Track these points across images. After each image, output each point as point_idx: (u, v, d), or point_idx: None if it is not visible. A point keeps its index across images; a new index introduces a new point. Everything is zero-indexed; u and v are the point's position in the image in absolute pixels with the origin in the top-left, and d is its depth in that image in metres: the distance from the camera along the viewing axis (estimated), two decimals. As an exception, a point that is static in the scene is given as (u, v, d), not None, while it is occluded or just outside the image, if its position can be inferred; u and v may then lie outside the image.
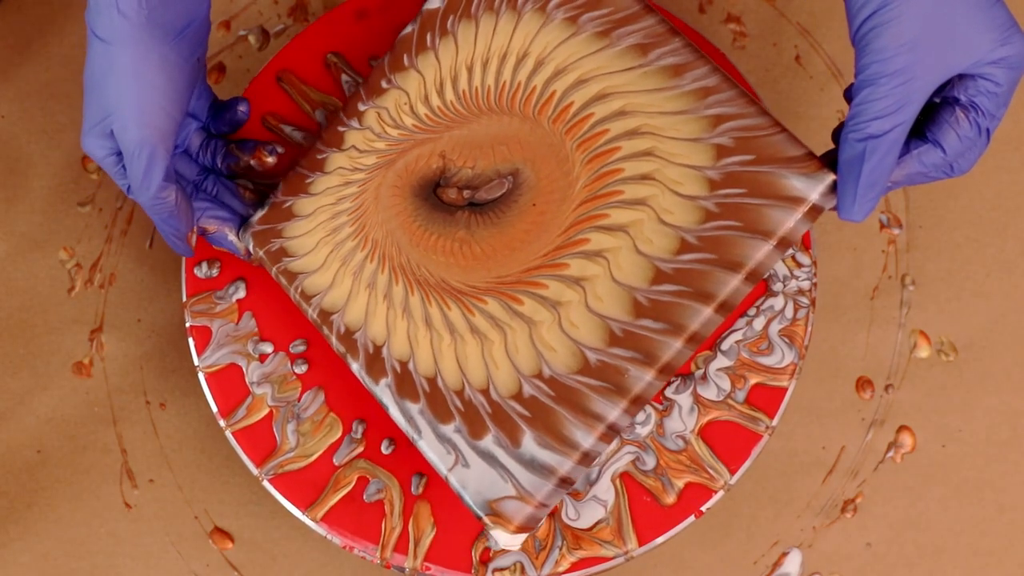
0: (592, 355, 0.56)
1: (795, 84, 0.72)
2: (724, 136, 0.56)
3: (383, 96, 0.65)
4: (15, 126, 0.73)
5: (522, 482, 0.56)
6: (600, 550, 0.65)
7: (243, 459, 0.66)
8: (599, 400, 0.56)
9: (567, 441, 0.56)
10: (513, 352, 0.58)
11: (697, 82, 0.57)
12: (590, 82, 0.60)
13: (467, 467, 0.58)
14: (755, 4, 0.73)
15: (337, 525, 0.65)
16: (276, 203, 0.66)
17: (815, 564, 0.70)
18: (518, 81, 0.61)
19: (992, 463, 0.71)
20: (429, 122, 0.63)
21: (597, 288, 0.57)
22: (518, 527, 0.57)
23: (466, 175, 0.61)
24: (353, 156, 0.65)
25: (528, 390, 0.57)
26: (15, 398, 0.71)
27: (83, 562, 0.70)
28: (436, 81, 0.63)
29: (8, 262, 0.72)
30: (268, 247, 0.65)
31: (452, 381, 0.59)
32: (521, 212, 0.60)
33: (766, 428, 0.66)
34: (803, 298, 0.66)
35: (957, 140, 0.53)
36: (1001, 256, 0.72)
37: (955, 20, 0.51)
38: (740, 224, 0.55)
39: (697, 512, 0.65)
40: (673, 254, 0.56)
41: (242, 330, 0.67)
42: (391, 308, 0.61)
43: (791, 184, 0.54)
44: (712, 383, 0.66)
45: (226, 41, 0.73)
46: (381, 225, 0.63)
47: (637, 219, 0.57)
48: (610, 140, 0.59)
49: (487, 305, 0.59)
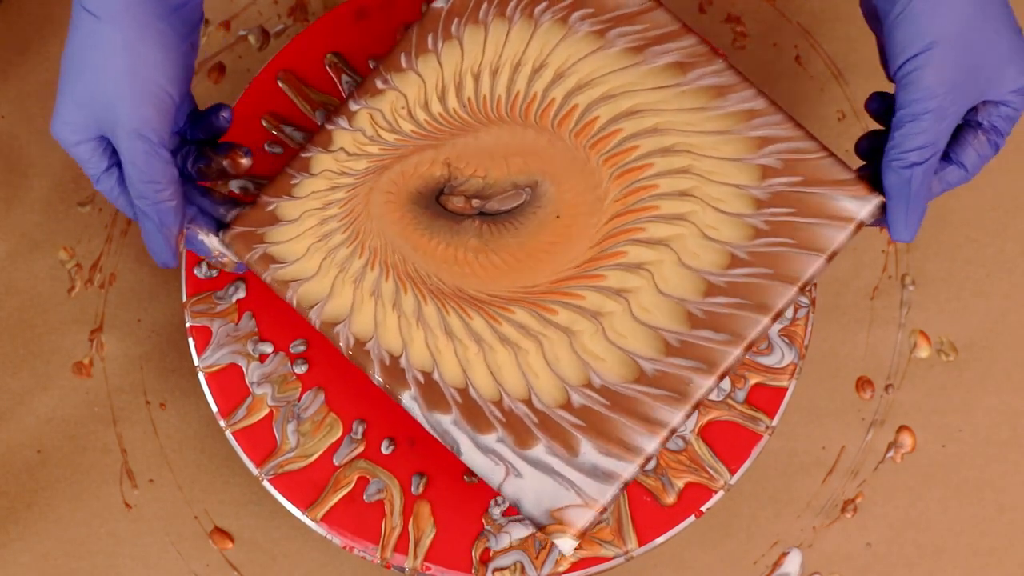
0: (648, 365, 0.58)
1: (795, 84, 0.72)
2: (770, 157, 0.59)
3: (378, 97, 0.62)
4: (15, 126, 0.73)
5: (586, 490, 0.58)
6: (600, 550, 0.65)
7: (243, 459, 0.66)
8: (661, 407, 0.58)
9: (630, 448, 0.58)
10: (554, 361, 0.59)
11: (742, 104, 0.60)
12: (618, 97, 0.60)
13: (520, 477, 0.58)
14: (755, 4, 0.73)
15: (337, 525, 0.65)
16: (258, 204, 0.62)
17: (815, 564, 0.70)
18: (533, 92, 0.61)
19: (992, 463, 0.71)
20: (430, 128, 0.62)
21: (642, 299, 0.59)
22: (581, 532, 0.58)
23: (476, 184, 0.61)
24: (341, 159, 0.62)
25: (577, 399, 0.59)
26: (15, 398, 0.71)
27: (83, 562, 0.70)
28: (438, 87, 0.62)
29: (8, 262, 0.72)
30: (252, 253, 0.62)
31: (487, 391, 0.59)
32: (543, 224, 0.60)
33: (766, 428, 0.66)
34: (803, 298, 0.66)
35: (977, 159, 0.58)
36: (1001, 256, 0.72)
37: (985, 56, 0.56)
38: (793, 241, 0.59)
39: (697, 512, 0.65)
40: (723, 268, 0.59)
41: (242, 330, 0.67)
42: (403, 317, 0.60)
43: (842, 205, 0.58)
44: (712, 383, 0.66)
45: (226, 41, 0.73)
46: (378, 233, 0.61)
47: (678, 234, 0.59)
48: (641, 156, 0.60)
49: (514, 315, 0.59)
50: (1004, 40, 0.57)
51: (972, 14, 0.56)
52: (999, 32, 0.57)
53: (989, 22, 0.56)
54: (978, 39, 0.56)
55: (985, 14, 0.56)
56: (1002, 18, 0.57)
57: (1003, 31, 0.57)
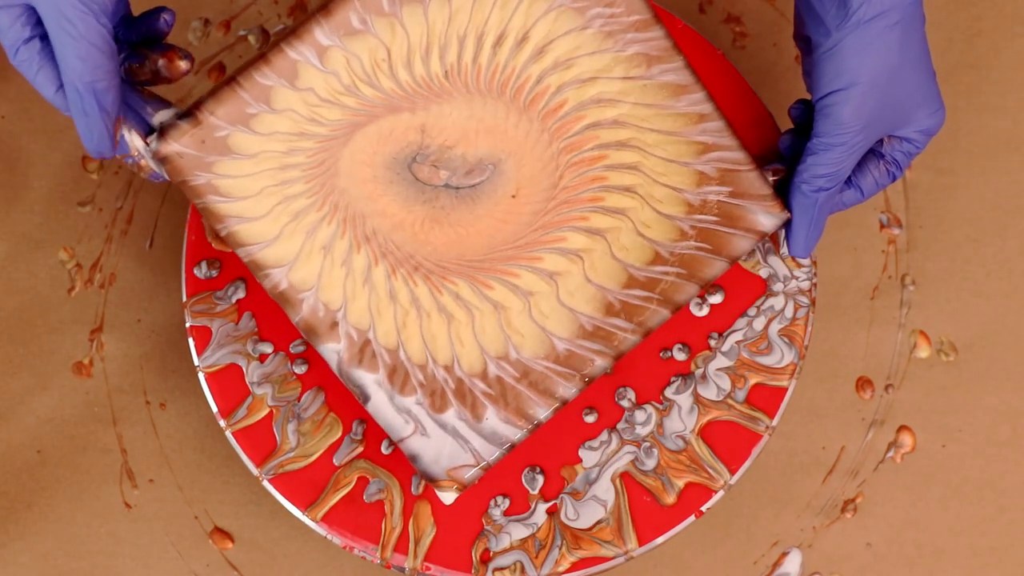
0: (560, 344, 0.62)
1: (795, 84, 0.72)
2: (708, 165, 0.62)
3: (354, 39, 0.60)
4: (15, 126, 0.73)
5: (481, 452, 0.62)
6: (600, 550, 0.65)
7: (243, 459, 0.66)
8: (561, 383, 0.62)
9: (526, 416, 0.62)
10: (480, 333, 0.62)
11: (693, 106, 0.62)
12: (588, 83, 0.62)
13: (426, 436, 0.62)
14: (755, 4, 0.73)
15: (337, 525, 0.65)
16: (203, 123, 0.59)
17: (815, 564, 0.70)
18: (512, 66, 0.61)
19: (992, 463, 0.71)
20: (409, 90, 0.61)
21: (570, 284, 0.62)
22: (465, 486, 0.62)
23: (445, 156, 0.61)
24: (311, 103, 0.60)
25: (493, 370, 0.62)
26: (15, 398, 0.71)
27: (83, 562, 0.70)
28: (422, 45, 0.60)
29: (8, 262, 0.72)
30: (193, 178, 0.59)
31: (416, 356, 0.62)
32: (498, 201, 0.62)
33: (766, 428, 0.66)
34: (803, 298, 0.67)
35: (874, 185, 0.63)
36: (1001, 256, 0.72)
37: (900, 97, 0.60)
38: (709, 247, 0.63)
39: (697, 512, 0.65)
40: (647, 264, 0.63)
41: (242, 330, 0.67)
42: (350, 276, 0.61)
43: (758, 219, 0.63)
44: (712, 383, 0.66)
45: (226, 41, 0.73)
46: (343, 191, 0.61)
47: (615, 227, 0.62)
48: (598, 146, 0.62)
49: (456, 286, 0.62)
50: (919, 84, 0.61)
51: (897, 60, 0.59)
52: (916, 75, 0.60)
53: (908, 66, 0.60)
54: (897, 81, 0.60)
55: (908, 60, 0.59)
56: (921, 61, 0.60)
57: (919, 74, 0.60)
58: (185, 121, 0.59)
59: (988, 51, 0.73)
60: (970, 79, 0.73)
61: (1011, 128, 0.73)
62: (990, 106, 0.73)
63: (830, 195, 0.62)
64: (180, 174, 0.60)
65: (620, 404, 0.66)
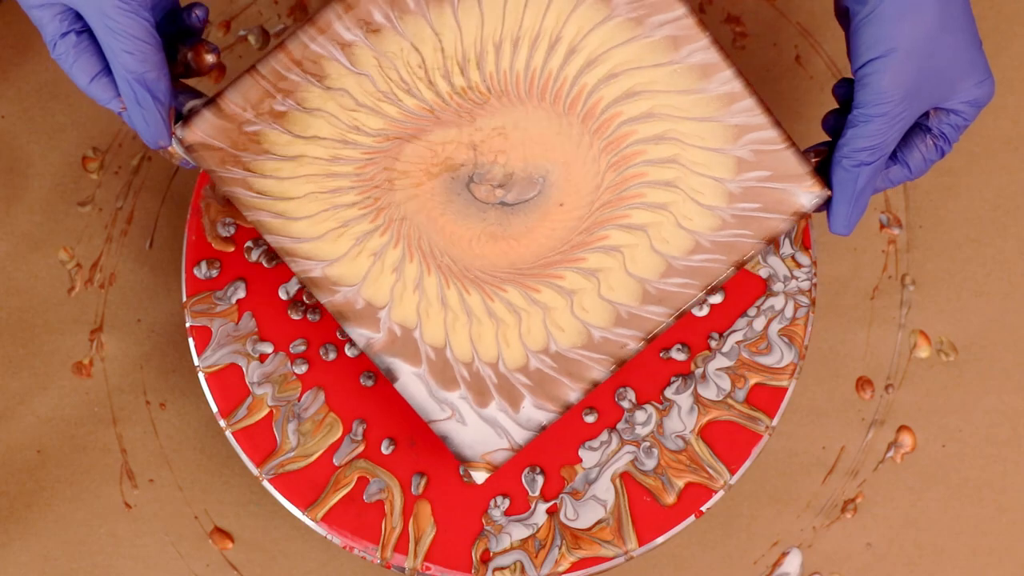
0: (597, 333, 0.62)
1: (795, 84, 0.72)
2: (744, 148, 0.61)
3: (380, 37, 0.60)
4: (15, 126, 0.73)
5: (516, 437, 0.62)
6: (600, 550, 0.65)
7: (243, 459, 0.66)
8: (595, 367, 0.62)
9: (560, 400, 0.62)
10: (525, 333, 0.63)
11: (723, 86, 0.61)
12: (621, 76, 0.61)
13: (463, 424, 0.62)
14: (755, 4, 0.73)
15: (337, 525, 0.65)
16: (232, 115, 0.60)
17: (815, 564, 0.70)
18: (549, 70, 0.61)
19: (992, 463, 0.71)
20: (453, 104, 0.61)
21: (611, 279, 0.62)
22: (496, 467, 0.63)
23: (498, 173, 0.62)
24: (347, 106, 0.61)
25: (534, 364, 0.62)
26: (15, 398, 0.71)
27: (83, 562, 0.70)
28: (458, 53, 0.61)
29: (8, 262, 0.72)
30: (226, 172, 0.60)
31: (462, 354, 0.62)
32: (548, 212, 0.62)
33: (766, 428, 0.66)
34: (803, 298, 0.67)
35: (922, 162, 0.61)
36: (1001, 256, 0.72)
37: (943, 67, 0.58)
38: (750, 232, 0.62)
39: (697, 512, 0.65)
40: (687, 254, 0.62)
41: (242, 330, 0.67)
42: (400, 280, 0.62)
43: (799, 201, 0.61)
44: (712, 383, 0.66)
45: (226, 41, 0.73)
46: (399, 206, 0.62)
47: (656, 221, 0.62)
48: (636, 142, 0.62)
49: (507, 293, 0.62)
50: (964, 52, 0.58)
51: (937, 24, 0.57)
52: (960, 43, 0.58)
53: (951, 33, 0.58)
54: (939, 49, 0.57)
55: (949, 25, 0.57)
56: (965, 30, 0.58)
57: (964, 43, 0.58)
58: (208, 109, 0.60)
59: (988, 51, 0.73)
60: (970, 79, 0.73)
61: (1011, 128, 0.73)
62: (990, 106, 0.73)
63: (873, 170, 0.59)
64: (207, 163, 0.60)
65: (620, 404, 0.66)
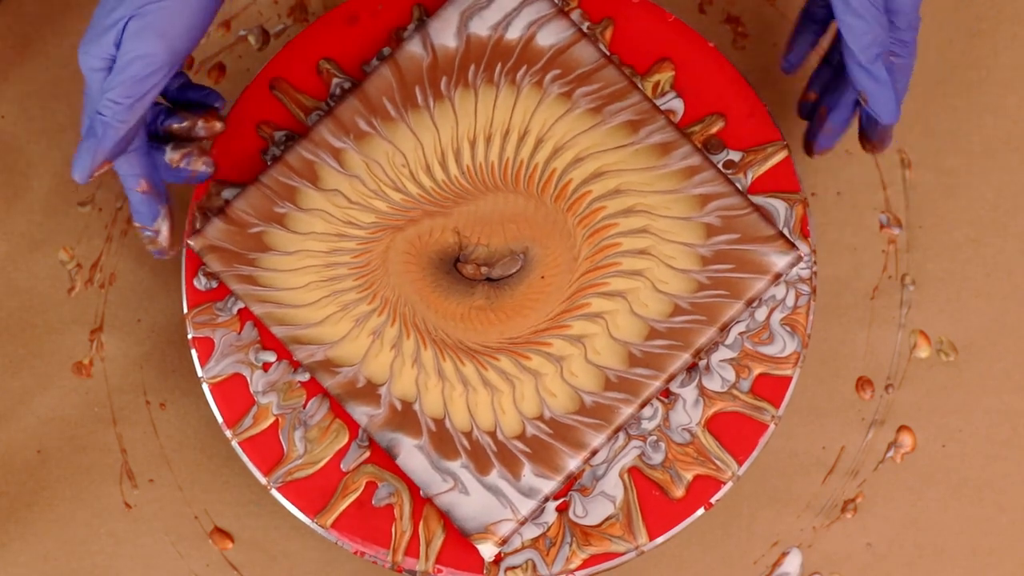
0: (588, 398, 0.65)
1: (795, 84, 0.72)
2: (712, 215, 0.66)
3: (366, 143, 0.67)
4: (15, 126, 0.73)
5: (519, 507, 0.64)
6: (611, 545, 0.65)
7: (251, 468, 0.66)
8: (590, 432, 0.65)
9: (558, 468, 0.64)
10: (519, 400, 0.65)
11: (683, 161, 0.66)
12: (586, 160, 0.67)
13: (466, 495, 0.64)
14: (755, 4, 0.74)
15: (347, 531, 0.65)
16: (237, 219, 0.66)
17: (815, 564, 0.70)
18: (520, 159, 0.67)
19: (992, 463, 0.71)
20: (436, 195, 0.66)
21: (596, 344, 0.65)
22: (503, 540, 0.64)
23: (482, 253, 0.66)
24: (341, 205, 0.66)
25: (530, 430, 0.65)
26: (15, 398, 0.71)
27: (83, 562, 0.70)
28: (436, 151, 0.67)
29: (8, 262, 0.72)
30: (231, 270, 0.66)
31: (461, 423, 0.65)
32: (531, 285, 0.66)
33: (772, 418, 0.66)
34: (804, 286, 0.67)
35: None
36: (1001, 256, 0.72)
37: None
38: (727, 293, 0.66)
39: (707, 504, 0.65)
40: (667, 316, 0.66)
41: (244, 340, 0.67)
42: (399, 356, 0.65)
43: (771, 260, 0.66)
44: (716, 374, 0.66)
45: (226, 41, 0.73)
46: (393, 287, 0.66)
47: (634, 287, 0.66)
48: (607, 216, 0.66)
49: (499, 362, 0.65)
50: None
51: None
52: None
53: None
54: None
55: None
56: None
57: None
58: (217, 217, 0.66)
59: (988, 51, 0.73)
60: (970, 79, 0.73)
61: (1011, 128, 0.73)
62: (990, 106, 0.73)
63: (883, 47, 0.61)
64: (215, 265, 0.66)
65: (622, 403, 0.67)
